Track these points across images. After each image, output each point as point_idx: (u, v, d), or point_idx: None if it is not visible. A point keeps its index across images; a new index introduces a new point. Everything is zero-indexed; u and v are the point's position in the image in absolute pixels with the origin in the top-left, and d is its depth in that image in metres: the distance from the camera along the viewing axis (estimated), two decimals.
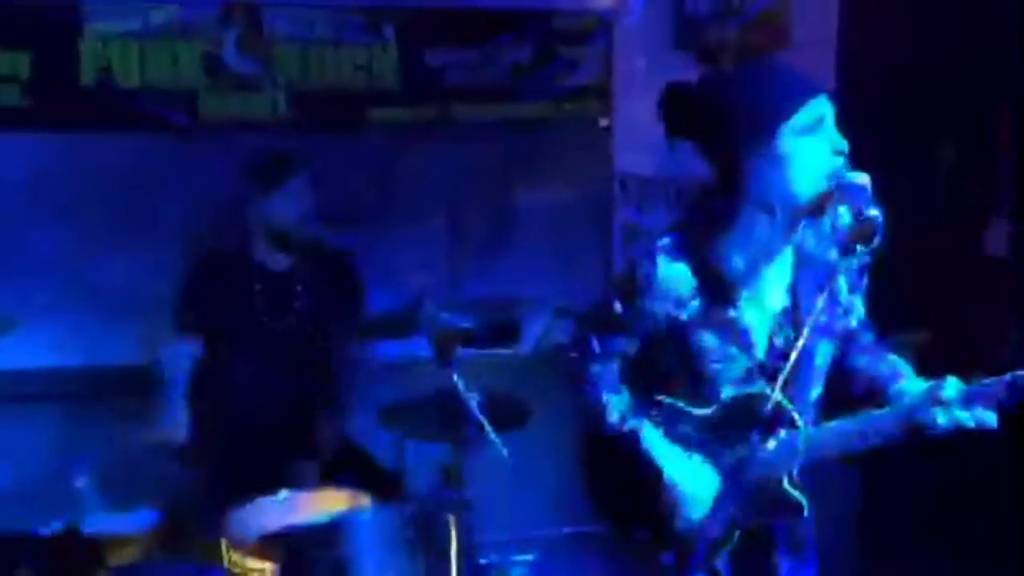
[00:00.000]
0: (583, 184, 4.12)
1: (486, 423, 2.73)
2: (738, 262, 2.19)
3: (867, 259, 2.26)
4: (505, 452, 2.70)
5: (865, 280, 2.32)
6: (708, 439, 2.25)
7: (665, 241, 2.27)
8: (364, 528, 2.74)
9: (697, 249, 2.22)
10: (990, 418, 2.09)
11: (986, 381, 2.10)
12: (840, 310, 2.28)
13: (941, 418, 2.10)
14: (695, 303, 2.20)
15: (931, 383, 2.17)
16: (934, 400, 2.11)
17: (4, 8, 3.61)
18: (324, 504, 2.89)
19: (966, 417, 2.09)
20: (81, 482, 2.62)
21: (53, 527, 2.60)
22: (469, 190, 4.01)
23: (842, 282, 2.26)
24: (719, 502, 2.24)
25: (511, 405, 3.08)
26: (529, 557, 3.67)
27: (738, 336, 2.19)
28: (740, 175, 2.19)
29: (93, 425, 3.43)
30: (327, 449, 3.26)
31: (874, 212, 2.12)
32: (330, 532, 2.74)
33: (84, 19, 3.69)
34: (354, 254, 3.42)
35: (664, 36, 4.22)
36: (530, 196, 4.08)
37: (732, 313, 2.19)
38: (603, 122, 4.16)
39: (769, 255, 2.20)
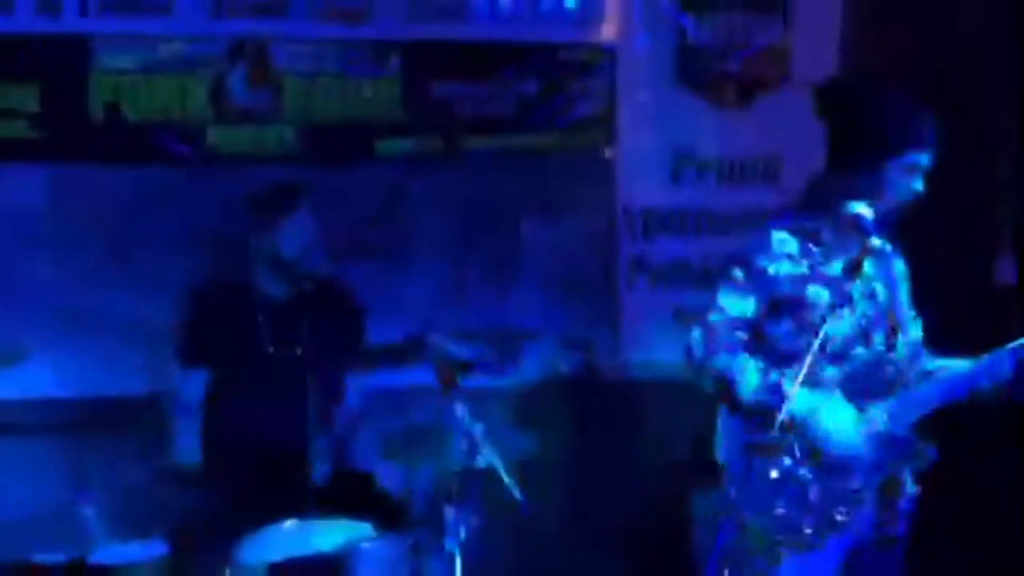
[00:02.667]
0: (588, 215, 4.14)
1: (498, 464, 2.72)
2: (832, 233, 2.55)
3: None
4: (517, 493, 2.69)
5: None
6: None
7: (776, 217, 2.67)
8: (368, 558, 2.73)
9: (801, 221, 2.60)
10: None
11: None
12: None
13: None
14: (805, 262, 2.55)
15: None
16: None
17: (13, 42, 3.65)
18: (329, 534, 2.87)
19: None
20: (86, 512, 2.61)
21: (58, 557, 2.59)
22: (474, 221, 4.02)
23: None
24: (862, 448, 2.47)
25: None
26: None
27: (843, 295, 2.48)
28: (845, 160, 2.54)
29: (97, 455, 3.42)
30: (327, 478, 3.24)
31: (877, 242, 2.50)
32: (334, 562, 2.73)
33: (92, 53, 3.73)
34: (354, 285, 3.43)
35: (667, 69, 4.26)
36: (535, 227, 4.10)
37: (835, 274, 2.52)
38: (607, 153, 4.19)
39: (855, 262, 2.52)
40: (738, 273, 2.56)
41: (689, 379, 2.60)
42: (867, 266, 2.51)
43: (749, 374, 2.47)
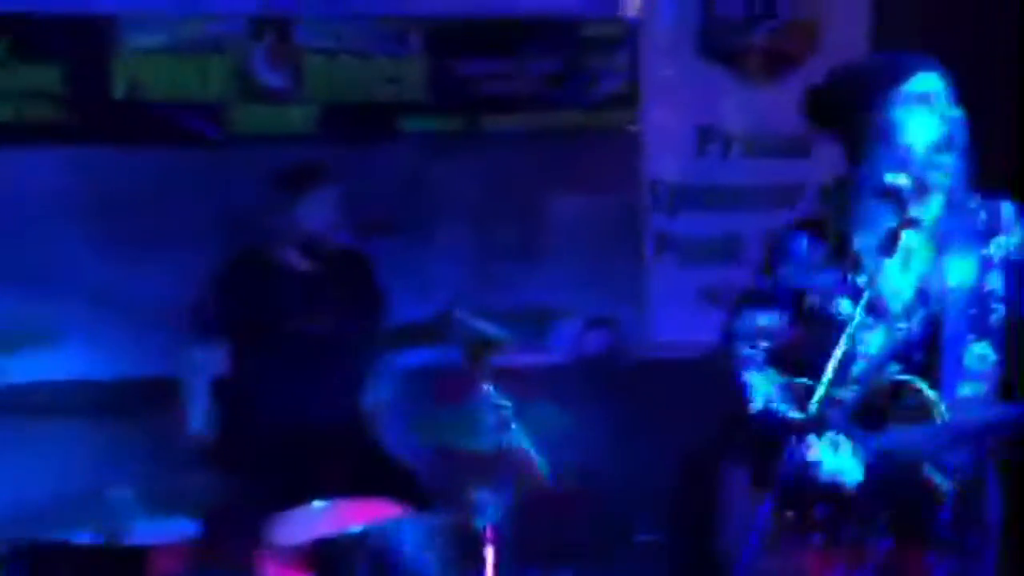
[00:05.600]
0: (614, 192, 4.10)
1: (527, 442, 2.70)
2: (861, 238, 2.26)
3: None
4: (546, 472, 2.68)
5: None
6: (852, 423, 2.24)
7: (798, 217, 2.41)
8: (399, 537, 2.72)
9: (827, 223, 2.33)
10: None
11: None
12: (992, 305, 2.26)
13: None
14: (830, 270, 2.28)
15: None
16: None
17: (36, 23, 3.64)
18: (359, 514, 2.87)
19: None
20: (119, 494, 2.61)
21: (91, 538, 2.60)
22: (500, 199, 4.00)
23: (994, 275, 2.26)
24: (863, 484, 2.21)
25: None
26: (568, 571, 3.64)
27: (873, 307, 2.20)
28: (856, 149, 2.27)
29: (130, 436, 3.44)
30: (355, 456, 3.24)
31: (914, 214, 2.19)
32: (365, 542, 2.73)
33: (116, 33, 3.72)
34: (375, 261, 3.42)
35: (692, 42, 4.20)
36: (561, 204, 4.07)
37: (864, 281, 2.21)
38: (632, 129, 4.15)
39: (891, 236, 2.21)
40: (763, 280, 2.38)
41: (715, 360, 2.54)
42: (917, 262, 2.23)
43: (765, 387, 2.33)
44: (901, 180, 2.20)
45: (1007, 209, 2.29)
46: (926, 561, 2.25)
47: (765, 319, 2.39)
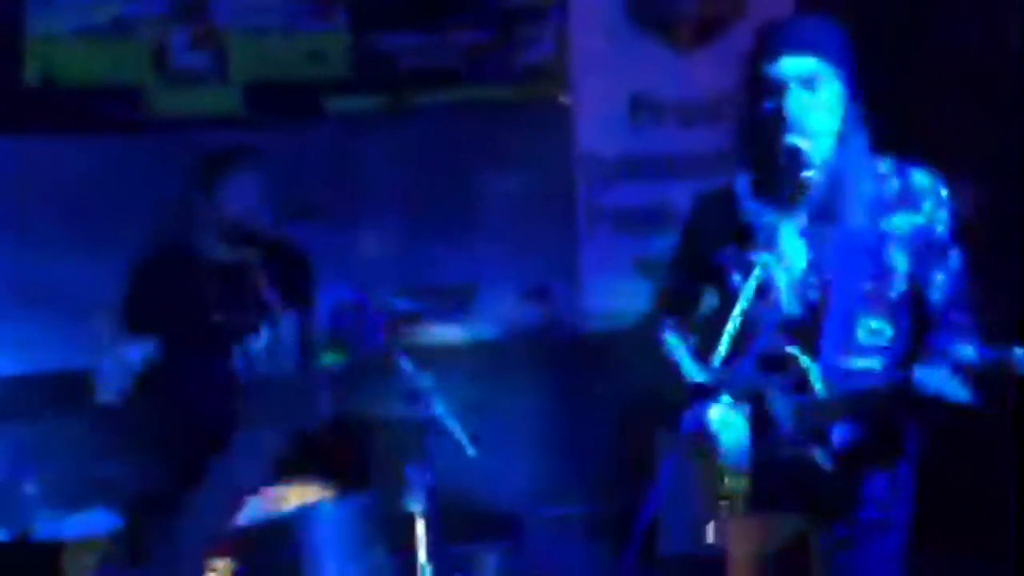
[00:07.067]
0: (544, 164, 4.06)
1: (449, 418, 2.67)
2: (754, 212, 2.21)
3: (945, 235, 2.19)
4: (470, 451, 2.64)
5: (954, 258, 2.22)
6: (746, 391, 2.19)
7: (708, 187, 2.39)
8: (322, 521, 2.68)
9: (731, 195, 2.27)
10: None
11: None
12: (893, 282, 2.20)
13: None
14: (731, 244, 2.23)
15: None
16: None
17: None
18: (285, 499, 2.83)
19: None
20: (30, 488, 2.55)
21: (2, 535, 2.54)
22: (428, 175, 3.95)
23: (894, 250, 2.20)
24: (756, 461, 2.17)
25: None
26: (505, 543, 3.62)
27: (762, 286, 2.13)
28: (744, 123, 2.25)
29: (43, 430, 3.37)
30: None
31: (809, 174, 2.14)
32: (290, 525, 2.69)
33: (26, 18, 3.62)
34: (303, 245, 3.35)
35: (621, 10, 4.16)
36: (492, 179, 4.02)
37: (756, 258, 2.13)
38: (562, 100, 4.10)
39: (782, 210, 2.18)
40: (678, 250, 2.39)
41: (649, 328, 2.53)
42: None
43: (679, 352, 2.33)
44: (800, 142, 2.12)
45: (921, 179, 2.20)
46: (827, 535, 2.22)
47: (682, 288, 2.38)
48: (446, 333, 3.62)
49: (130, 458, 2.99)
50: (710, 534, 2.24)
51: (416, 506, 2.75)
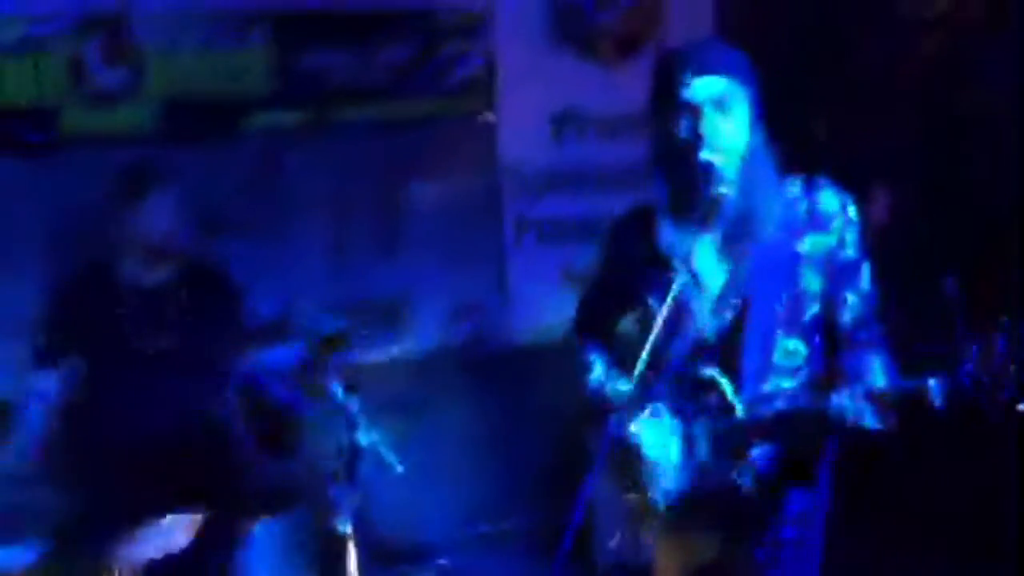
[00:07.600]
0: (470, 179, 4.07)
1: (375, 436, 2.63)
2: (669, 235, 2.21)
3: (855, 256, 2.20)
4: (399, 468, 2.61)
5: (865, 278, 2.23)
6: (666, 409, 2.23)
7: (627, 209, 2.36)
8: (253, 544, 2.63)
9: (646, 217, 2.27)
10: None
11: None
12: (807, 303, 2.21)
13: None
14: (647, 267, 2.22)
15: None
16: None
17: None
18: (177, 530, 2.77)
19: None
20: None
21: None
22: (354, 192, 3.92)
23: (808, 273, 2.20)
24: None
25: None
26: (442, 561, 3.59)
27: (679, 307, 2.15)
28: (658, 145, 2.23)
29: None
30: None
31: (723, 190, 2.14)
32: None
33: None
34: (226, 265, 3.29)
35: (544, 27, 4.19)
36: (417, 194, 4.01)
37: (673, 282, 2.11)
38: (487, 116, 4.11)
39: (698, 228, 2.18)
40: (598, 267, 2.40)
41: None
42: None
43: (599, 366, 2.36)
44: (713, 157, 2.13)
45: (830, 201, 2.21)
46: (749, 556, 2.24)
47: (600, 309, 2.39)
48: (374, 350, 3.58)
49: (56, 487, 2.90)
50: (615, 544, 2.25)
51: (345, 528, 2.71)
